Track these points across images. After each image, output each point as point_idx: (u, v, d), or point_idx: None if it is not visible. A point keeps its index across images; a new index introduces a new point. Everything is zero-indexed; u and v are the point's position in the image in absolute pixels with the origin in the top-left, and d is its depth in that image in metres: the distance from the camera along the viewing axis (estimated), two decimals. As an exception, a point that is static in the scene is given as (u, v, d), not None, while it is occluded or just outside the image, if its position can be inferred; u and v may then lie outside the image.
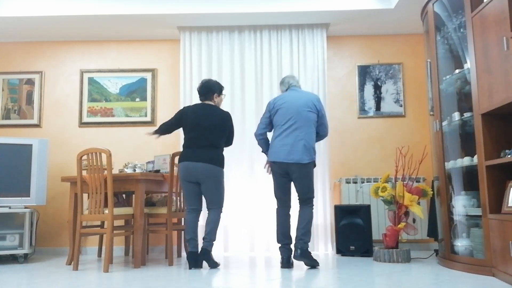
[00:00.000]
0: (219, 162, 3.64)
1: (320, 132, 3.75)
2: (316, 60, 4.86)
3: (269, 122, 3.74)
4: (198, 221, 3.66)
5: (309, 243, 3.67)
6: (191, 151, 3.61)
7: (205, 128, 3.63)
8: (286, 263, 3.57)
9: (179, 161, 3.66)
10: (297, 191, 3.63)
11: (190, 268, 3.57)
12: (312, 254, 3.59)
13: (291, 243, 3.63)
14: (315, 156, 3.65)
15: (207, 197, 3.64)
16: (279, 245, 3.65)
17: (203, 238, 3.58)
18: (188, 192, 3.66)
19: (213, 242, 3.60)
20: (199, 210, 3.68)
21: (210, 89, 3.78)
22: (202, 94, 3.79)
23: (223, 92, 3.88)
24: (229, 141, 3.83)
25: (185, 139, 3.71)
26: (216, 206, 3.64)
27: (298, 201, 3.66)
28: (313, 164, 3.63)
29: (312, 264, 3.53)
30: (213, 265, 3.60)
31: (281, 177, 3.63)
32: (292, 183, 3.68)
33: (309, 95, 3.69)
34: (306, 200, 3.62)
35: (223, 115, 3.72)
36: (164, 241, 4.83)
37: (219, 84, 3.83)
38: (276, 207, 3.70)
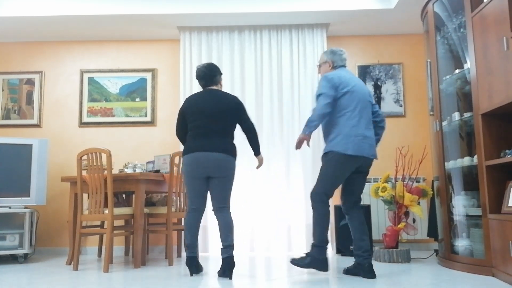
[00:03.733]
0: (232, 151, 3.23)
1: (379, 131, 3.30)
2: (316, 60, 4.86)
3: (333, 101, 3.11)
4: (200, 223, 3.27)
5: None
6: (199, 140, 3.18)
7: (213, 114, 3.21)
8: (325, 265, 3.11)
9: (185, 153, 3.22)
10: (356, 189, 3.20)
11: (191, 274, 3.26)
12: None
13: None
14: None
15: (215, 194, 3.23)
16: (320, 245, 3.07)
17: (226, 247, 3.14)
18: (194, 189, 3.23)
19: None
20: (202, 211, 3.28)
21: (215, 72, 3.37)
22: (208, 79, 3.35)
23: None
24: (246, 125, 3.31)
25: (190, 128, 3.28)
26: (225, 205, 3.23)
27: (350, 203, 3.20)
28: None
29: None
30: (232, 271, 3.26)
31: (349, 172, 3.10)
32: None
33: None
34: (359, 201, 3.23)
35: (233, 99, 3.30)
36: (164, 241, 4.83)
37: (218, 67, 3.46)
38: (323, 204, 3.07)
